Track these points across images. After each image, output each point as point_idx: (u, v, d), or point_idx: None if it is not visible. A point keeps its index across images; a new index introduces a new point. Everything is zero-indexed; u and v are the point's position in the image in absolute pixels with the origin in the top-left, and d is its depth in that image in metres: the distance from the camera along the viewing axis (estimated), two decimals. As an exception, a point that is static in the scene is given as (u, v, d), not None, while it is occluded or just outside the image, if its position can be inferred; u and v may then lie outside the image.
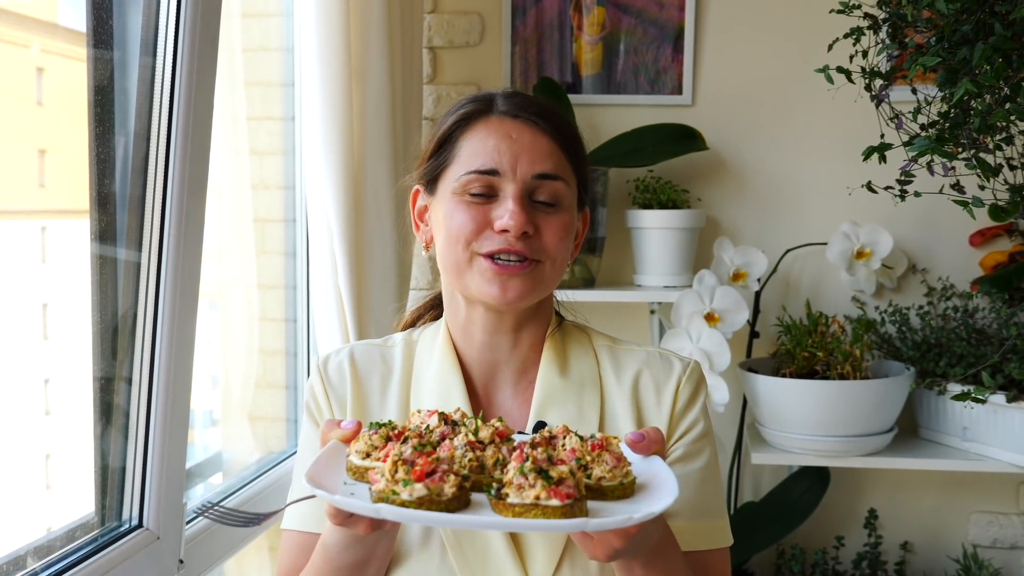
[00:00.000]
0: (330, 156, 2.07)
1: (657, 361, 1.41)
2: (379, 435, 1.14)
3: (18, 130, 1.77)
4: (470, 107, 1.36)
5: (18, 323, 1.85)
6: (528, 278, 1.31)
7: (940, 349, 2.52)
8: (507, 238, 1.29)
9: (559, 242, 1.32)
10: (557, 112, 1.38)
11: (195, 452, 2.29)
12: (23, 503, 1.88)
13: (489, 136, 1.33)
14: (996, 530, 2.72)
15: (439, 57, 2.79)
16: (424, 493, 1.02)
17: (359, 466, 1.12)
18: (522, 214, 1.29)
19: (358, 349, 1.43)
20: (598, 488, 1.09)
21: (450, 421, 1.18)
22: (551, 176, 1.32)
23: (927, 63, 1.45)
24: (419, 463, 1.04)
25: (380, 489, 1.04)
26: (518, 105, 1.35)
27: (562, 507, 1.01)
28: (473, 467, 1.10)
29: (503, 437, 1.15)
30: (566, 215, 1.34)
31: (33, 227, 1.88)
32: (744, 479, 2.78)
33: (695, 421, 1.39)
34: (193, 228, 1.71)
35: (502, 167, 1.31)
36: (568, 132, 1.37)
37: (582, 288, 2.62)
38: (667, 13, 2.74)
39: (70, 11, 1.82)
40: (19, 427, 1.87)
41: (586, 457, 1.11)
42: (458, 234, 1.31)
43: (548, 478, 1.02)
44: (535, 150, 1.32)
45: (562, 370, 1.38)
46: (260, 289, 2.45)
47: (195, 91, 1.67)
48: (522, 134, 1.33)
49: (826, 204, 2.69)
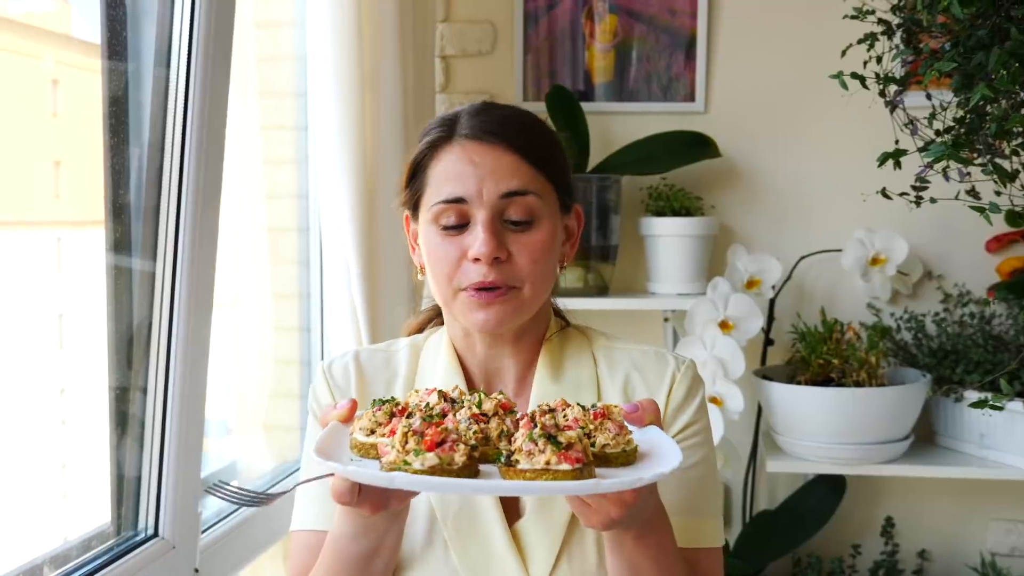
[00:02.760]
0: (343, 165, 2.07)
1: (652, 359, 1.41)
2: (383, 411, 1.15)
3: (33, 142, 1.79)
4: (435, 133, 1.35)
5: (34, 333, 1.86)
6: (507, 305, 1.31)
7: (957, 356, 2.51)
8: (482, 270, 1.29)
9: (534, 264, 1.31)
10: (522, 121, 1.36)
11: (209, 461, 2.29)
12: (39, 512, 1.89)
13: (453, 163, 1.32)
14: (1015, 538, 2.71)
15: (451, 66, 2.80)
16: (436, 462, 1.03)
17: (364, 443, 1.13)
18: (491, 240, 1.28)
19: (363, 353, 1.44)
20: (602, 456, 1.11)
21: (448, 399, 1.19)
22: (519, 192, 1.30)
23: (942, 68, 1.44)
24: (429, 433, 1.05)
25: (391, 460, 1.05)
26: (479, 125, 1.33)
27: (572, 471, 1.03)
28: (478, 439, 1.11)
29: (506, 409, 1.17)
30: (542, 230, 1.33)
31: (49, 237, 1.89)
32: (759, 487, 2.77)
33: (691, 421, 1.38)
34: (207, 238, 1.72)
35: (468, 194, 1.30)
36: (536, 141, 1.35)
37: (596, 296, 2.63)
38: (679, 20, 2.74)
39: (84, 23, 1.83)
40: (35, 437, 1.88)
41: (589, 426, 1.12)
42: (438, 270, 1.32)
43: (557, 443, 1.04)
44: (499, 170, 1.30)
45: (556, 376, 1.39)
46: (274, 298, 2.45)
47: (209, 101, 1.68)
48: (484, 155, 1.31)
49: (840, 210, 2.69)
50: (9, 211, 1.77)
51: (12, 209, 1.78)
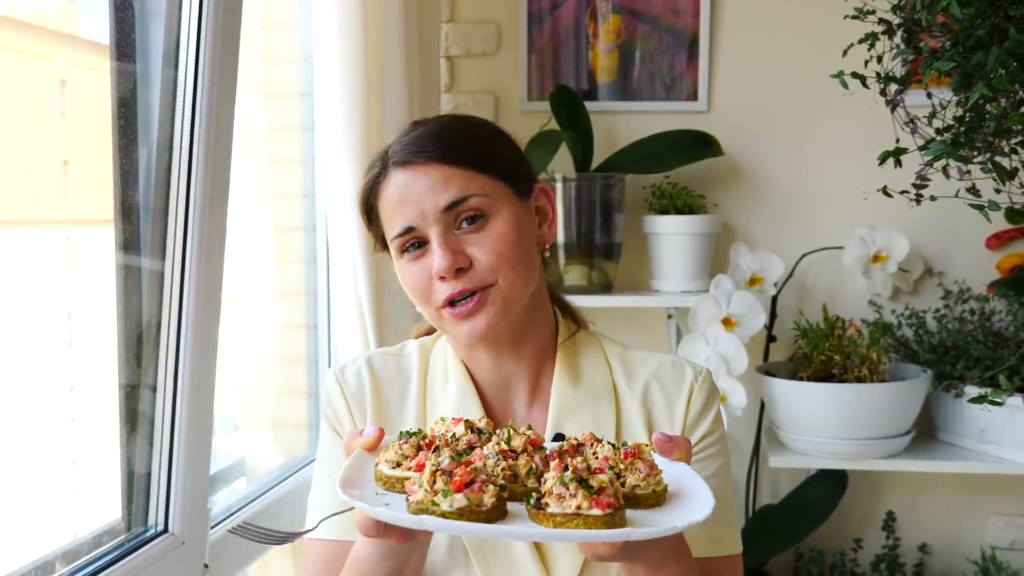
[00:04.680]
0: (349, 165, 2.09)
1: (669, 368, 1.40)
2: (410, 444, 1.13)
3: (42, 141, 1.80)
4: (372, 172, 1.36)
5: (43, 331, 1.88)
6: (489, 306, 1.29)
7: (957, 352, 2.52)
8: (449, 284, 1.28)
9: (498, 255, 1.29)
10: (445, 130, 1.34)
11: (218, 458, 2.31)
12: (49, 509, 1.90)
13: (391, 195, 1.32)
14: (1014, 532, 2.72)
15: (456, 66, 2.81)
16: (464, 504, 1.01)
17: (390, 476, 1.11)
18: (446, 255, 1.28)
19: (376, 359, 1.43)
20: (632, 496, 1.09)
21: (475, 429, 1.17)
22: (458, 201, 1.29)
23: (942, 68, 1.46)
24: (458, 473, 1.03)
25: (419, 500, 1.03)
26: (404, 149, 1.32)
27: (603, 516, 1.01)
28: (506, 476, 1.09)
29: (536, 446, 1.14)
30: (498, 224, 1.30)
31: (57, 236, 1.91)
32: (762, 482, 2.79)
33: (709, 430, 1.38)
34: (215, 237, 1.72)
35: (414, 220, 1.30)
36: (462, 144, 1.33)
37: (600, 294, 2.64)
38: (682, 20, 2.75)
39: (92, 24, 1.85)
40: (45, 434, 1.90)
41: (619, 465, 1.10)
42: (416, 296, 1.32)
43: (589, 487, 1.02)
44: (432, 186, 1.29)
45: (574, 381, 1.38)
46: (281, 297, 2.47)
47: (216, 102, 1.69)
48: (415, 177, 1.30)
49: (842, 208, 2.70)
50: (18, 210, 1.79)
51: (21, 208, 1.79)
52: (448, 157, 1.31)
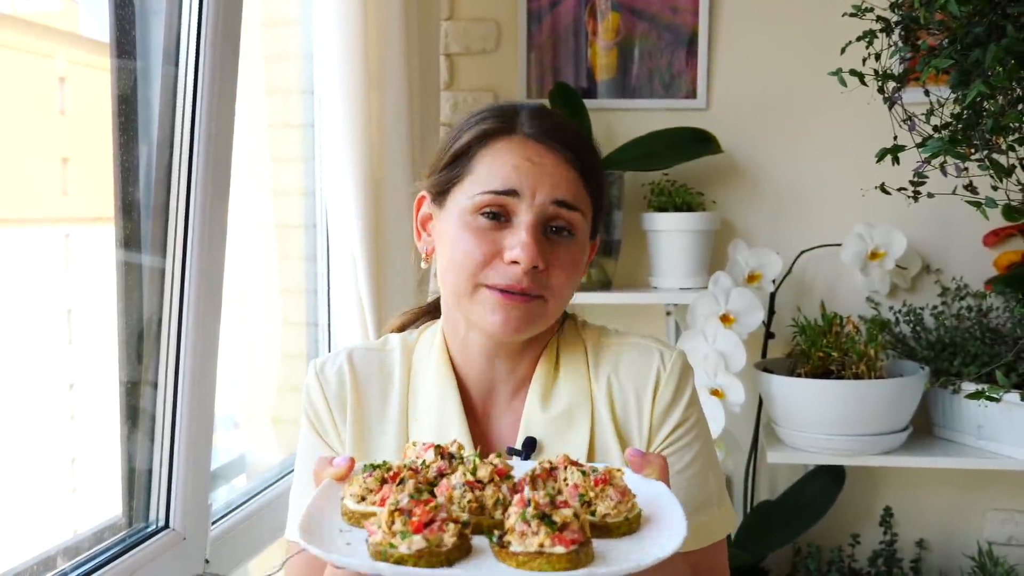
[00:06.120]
0: (349, 162, 2.09)
1: (635, 355, 1.35)
2: (374, 478, 1.09)
3: (41, 139, 1.80)
4: (492, 123, 1.29)
5: (43, 329, 1.88)
6: (530, 312, 1.26)
7: (954, 348, 2.53)
8: (515, 273, 1.24)
9: (567, 279, 1.27)
10: (582, 138, 1.32)
11: (218, 455, 2.32)
12: (49, 506, 1.91)
13: (511, 155, 1.26)
14: (1011, 527, 2.73)
15: (456, 63, 2.82)
16: (423, 545, 0.96)
17: (354, 511, 1.07)
18: (534, 247, 1.23)
19: (357, 354, 1.38)
20: (603, 526, 1.04)
21: (446, 455, 1.13)
22: (570, 205, 1.26)
23: (939, 65, 1.46)
24: (416, 512, 0.98)
25: (377, 542, 0.98)
26: (544, 129, 1.29)
27: (567, 554, 0.96)
28: (472, 508, 1.05)
29: (502, 475, 1.09)
30: (579, 248, 1.29)
31: (57, 234, 1.91)
32: (760, 478, 2.80)
33: (681, 420, 1.34)
34: (216, 234, 1.73)
35: (521, 189, 1.25)
36: (592, 162, 1.31)
37: (599, 291, 2.64)
38: (681, 18, 2.76)
39: (92, 22, 1.85)
40: (45, 431, 1.90)
41: (589, 493, 1.06)
42: (463, 262, 1.26)
43: (551, 524, 0.97)
44: (557, 175, 1.26)
45: (546, 405, 1.33)
46: (282, 294, 2.47)
47: (217, 99, 1.69)
48: (545, 158, 1.26)
49: (840, 205, 2.71)
50: (18, 208, 1.79)
51: (21, 206, 1.79)
52: (579, 163, 1.29)
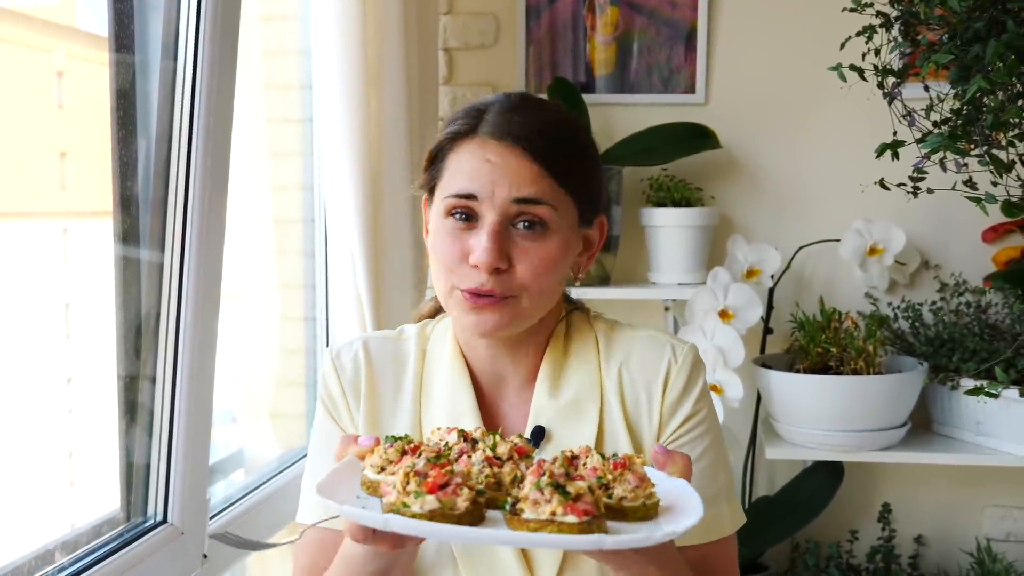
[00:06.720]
0: (348, 157, 2.09)
1: (646, 347, 1.36)
2: (394, 449, 1.10)
3: (39, 133, 1.80)
4: (460, 124, 1.31)
5: (41, 323, 1.88)
6: (503, 313, 1.27)
7: (953, 344, 2.53)
8: (480, 276, 1.25)
9: (536, 276, 1.26)
10: (551, 128, 1.30)
11: (216, 449, 2.32)
12: (47, 500, 1.91)
13: (471, 157, 1.28)
14: (1010, 524, 2.73)
15: (454, 58, 2.81)
16: (436, 506, 0.98)
17: (373, 480, 1.09)
18: (494, 250, 1.24)
19: (373, 342, 1.40)
20: (620, 508, 1.05)
21: (470, 439, 1.14)
22: (532, 201, 1.25)
23: (939, 60, 1.46)
24: (432, 475, 1.00)
25: (391, 501, 1.00)
26: (504, 125, 1.28)
27: (579, 524, 0.96)
28: (490, 484, 1.06)
29: (522, 454, 1.11)
30: (551, 242, 1.28)
31: (55, 228, 1.91)
32: (758, 474, 2.80)
33: (691, 413, 1.34)
34: (215, 229, 1.73)
35: (480, 191, 1.25)
36: (561, 151, 1.29)
37: (597, 286, 2.64)
38: (680, 12, 2.75)
39: (90, 16, 1.84)
40: (43, 425, 1.90)
41: (607, 476, 1.06)
42: (440, 263, 1.29)
43: (565, 493, 0.98)
44: (517, 173, 1.26)
45: (555, 393, 1.35)
46: (280, 288, 2.47)
47: (215, 94, 1.69)
48: (504, 157, 1.26)
49: (839, 201, 2.71)
50: (16, 202, 1.79)
51: (19, 200, 1.79)
52: (543, 157, 1.27)
